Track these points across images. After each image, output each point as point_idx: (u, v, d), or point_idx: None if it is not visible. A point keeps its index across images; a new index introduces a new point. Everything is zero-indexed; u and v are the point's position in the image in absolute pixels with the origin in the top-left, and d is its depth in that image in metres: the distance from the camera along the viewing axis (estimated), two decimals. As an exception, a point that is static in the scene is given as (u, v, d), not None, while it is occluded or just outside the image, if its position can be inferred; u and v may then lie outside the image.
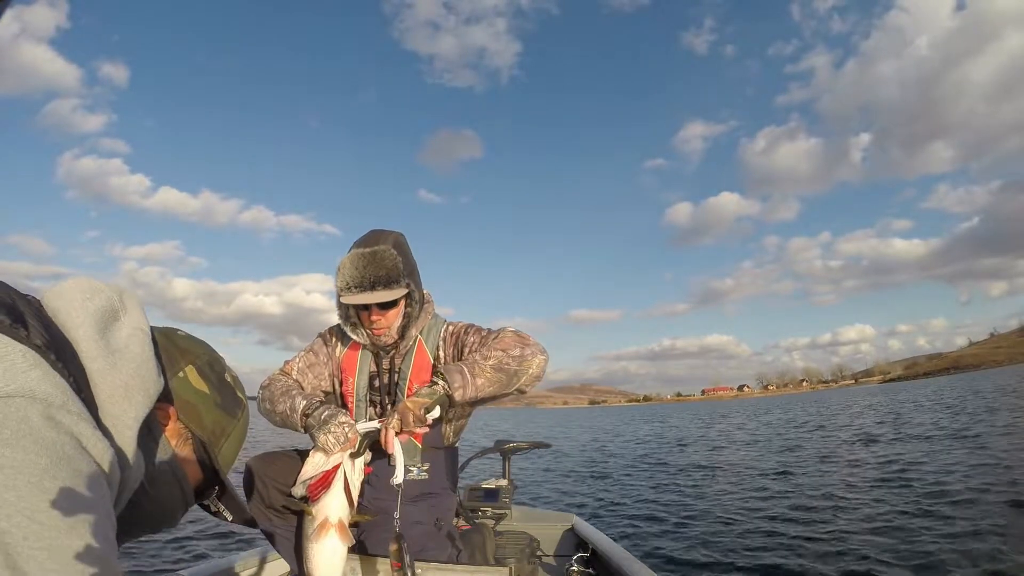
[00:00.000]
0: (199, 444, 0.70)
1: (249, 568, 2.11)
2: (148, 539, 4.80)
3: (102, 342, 0.56)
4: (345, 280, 1.47)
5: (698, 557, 4.60)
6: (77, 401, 0.49)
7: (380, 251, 1.48)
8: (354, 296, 1.46)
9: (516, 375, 1.40)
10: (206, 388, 0.71)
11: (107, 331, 0.58)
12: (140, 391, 0.58)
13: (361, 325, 1.56)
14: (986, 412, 15.88)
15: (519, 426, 39.13)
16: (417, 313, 1.58)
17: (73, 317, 0.55)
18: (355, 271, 1.46)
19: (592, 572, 2.35)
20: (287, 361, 1.66)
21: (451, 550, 1.59)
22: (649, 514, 6.37)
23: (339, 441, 1.27)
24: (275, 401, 1.47)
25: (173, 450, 0.68)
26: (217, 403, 0.72)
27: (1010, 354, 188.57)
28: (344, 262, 1.49)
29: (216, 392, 0.72)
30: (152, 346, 0.62)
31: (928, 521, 4.95)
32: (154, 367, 0.61)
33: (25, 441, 0.43)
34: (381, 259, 1.47)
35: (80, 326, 0.55)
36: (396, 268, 1.48)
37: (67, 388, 0.49)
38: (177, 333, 0.74)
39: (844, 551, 4.38)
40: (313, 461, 1.31)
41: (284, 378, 1.58)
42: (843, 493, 6.65)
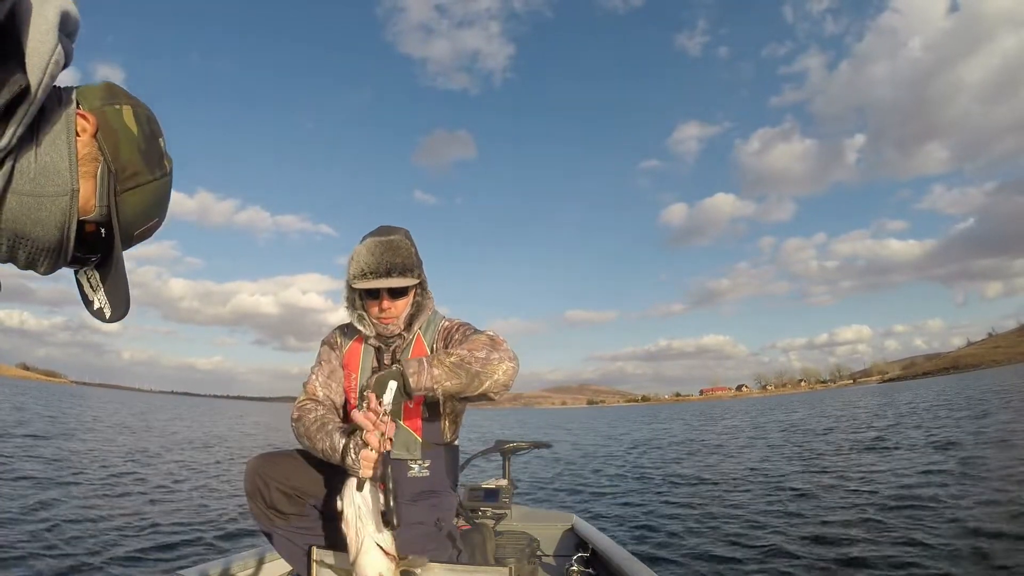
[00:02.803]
0: (105, 173, 0.66)
1: (249, 568, 2.11)
2: (148, 539, 4.80)
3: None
4: (360, 267, 1.48)
5: (698, 557, 4.61)
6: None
7: (396, 240, 1.52)
8: (370, 282, 1.47)
9: (478, 376, 1.32)
10: (135, 130, 0.68)
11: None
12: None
13: (368, 316, 1.56)
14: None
15: (519, 426, 39.12)
16: (425, 303, 1.60)
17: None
18: (371, 257, 1.48)
19: (592, 572, 2.35)
20: (306, 383, 1.62)
21: (451, 550, 1.59)
22: (649, 514, 6.37)
23: (357, 455, 1.25)
24: (313, 439, 1.41)
25: (79, 154, 0.63)
26: (140, 148, 0.68)
27: (1009, 354, 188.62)
28: (359, 250, 1.51)
29: (143, 140, 0.69)
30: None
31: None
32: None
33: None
34: (397, 247, 1.50)
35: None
36: (411, 257, 1.52)
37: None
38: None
39: (842, 552, 4.38)
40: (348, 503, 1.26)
41: (314, 406, 1.53)
42: (844, 494, 6.66)
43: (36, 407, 26.00)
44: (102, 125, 0.66)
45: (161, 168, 0.72)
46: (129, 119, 0.68)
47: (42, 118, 0.59)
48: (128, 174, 0.68)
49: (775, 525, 5.41)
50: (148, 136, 0.70)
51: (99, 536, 4.77)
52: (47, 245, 0.62)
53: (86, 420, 21.25)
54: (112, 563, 4.13)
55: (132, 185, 0.68)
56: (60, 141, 0.61)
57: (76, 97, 0.65)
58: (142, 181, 0.69)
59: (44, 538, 4.54)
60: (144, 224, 0.72)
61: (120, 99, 0.69)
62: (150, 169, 0.70)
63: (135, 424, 21.88)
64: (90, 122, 0.64)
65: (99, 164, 0.65)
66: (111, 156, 0.66)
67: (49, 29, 0.55)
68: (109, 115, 0.67)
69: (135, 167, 0.68)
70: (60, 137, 0.61)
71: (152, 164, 0.70)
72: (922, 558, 4.03)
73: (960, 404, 20.79)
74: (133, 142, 0.68)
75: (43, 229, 0.60)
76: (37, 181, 0.59)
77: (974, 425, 12.66)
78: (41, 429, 14.44)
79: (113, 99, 0.68)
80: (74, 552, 4.29)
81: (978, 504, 5.34)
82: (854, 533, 4.86)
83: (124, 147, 0.67)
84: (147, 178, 0.70)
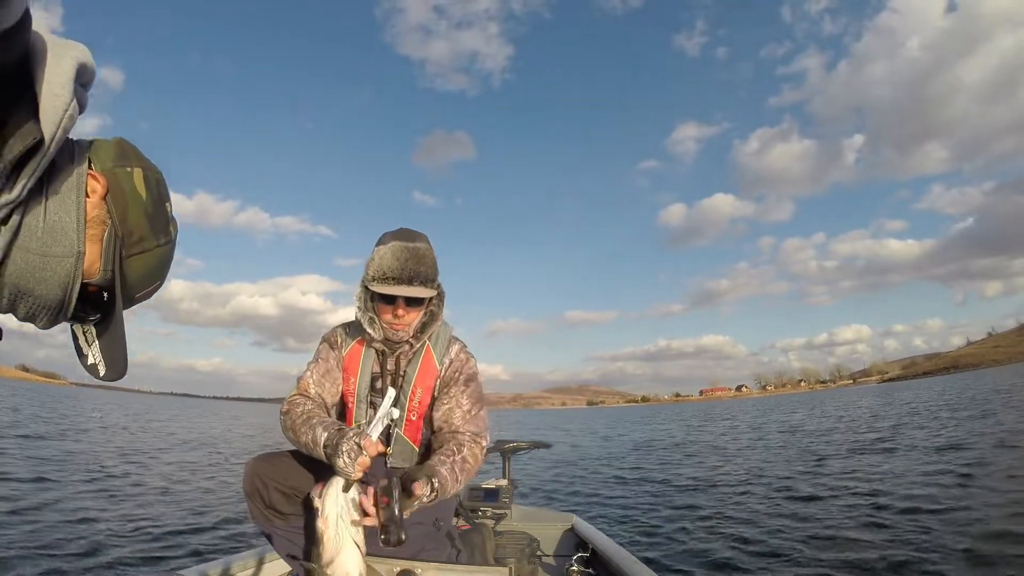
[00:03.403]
0: (112, 238, 0.66)
1: (248, 568, 2.11)
2: (147, 539, 4.79)
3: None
4: (382, 270, 1.45)
5: (698, 557, 4.60)
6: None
7: (422, 248, 1.49)
8: (390, 287, 1.44)
9: (458, 485, 1.44)
10: (144, 194, 0.69)
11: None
12: (72, 55, 0.57)
13: (379, 319, 1.53)
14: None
15: (518, 426, 39.10)
16: (438, 313, 1.58)
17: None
18: (396, 262, 1.45)
19: (592, 572, 2.35)
20: (300, 378, 1.59)
21: (451, 550, 1.59)
22: (649, 514, 6.37)
23: (353, 459, 1.23)
24: (297, 431, 1.41)
25: (87, 216, 0.63)
26: (148, 213, 0.69)
27: (1009, 353, 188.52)
28: (384, 252, 1.47)
29: (152, 205, 0.70)
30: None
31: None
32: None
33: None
34: (423, 256, 1.48)
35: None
36: (434, 267, 1.50)
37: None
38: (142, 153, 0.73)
39: (843, 553, 4.38)
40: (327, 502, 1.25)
41: (303, 401, 1.51)
42: (844, 496, 6.66)
43: (32, 408, 25.97)
44: (112, 187, 0.66)
45: (167, 234, 0.73)
46: (139, 182, 0.69)
47: (53, 172, 0.60)
48: (134, 239, 0.68)
49: (775, 526, 5.41)
50: (156, 201, 0.71)
51: (99, 536, 4.77)
52: (48, 303, 0.62)
53: (80, 421, 21.21)
54: (112, 563, 4.12)
55: (137, 251, 0.69)
56: (69, 201, 0.61)
57: (88, 154, 0.66)
58: (147, 247, 0.70)
59: (43, 539, 4.53)
60: (146, 288, 0.73)
61: (131, 161, 0.69)
62: (156, 235, 0.70)
63: (132, 425, 21.85)
64: (100, 183, 0.65)
65: (106, 227, 0.66)
66: (119, 220, 0.66)
67: (65, 83, 0.56)
68: (120, 177, 0.67)
69: (141, 232, 0.69)
70: (70, 197, 0.61)
71: (158, 230, 0.71)
72: (924, 560, 4.03)
73: (963, 404, 20.78)
74: (141, 207, 0.68)
75: (46, 288, 0.61)
76: (44, 240, 0.59)
77: (979, 425, 12.63)
78: (35, 431, 14.40)
79: (125, 160, 0.68)
80: (74, 552, 4.28)
81: (984, 506, 5.34)
82: (855, 535, 4.86)
83: (132, 211, 0.67)
84: (152, 244, 0.70)
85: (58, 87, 0.55)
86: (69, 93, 0.56)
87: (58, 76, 0.56)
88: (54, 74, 0.55)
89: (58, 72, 0.56)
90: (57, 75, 0.56)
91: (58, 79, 0.55)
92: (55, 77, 0.55)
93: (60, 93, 0.55)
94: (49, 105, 0.55)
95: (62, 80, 0.56)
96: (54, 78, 0.55)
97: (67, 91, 0.56)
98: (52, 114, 0.55)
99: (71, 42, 0.59)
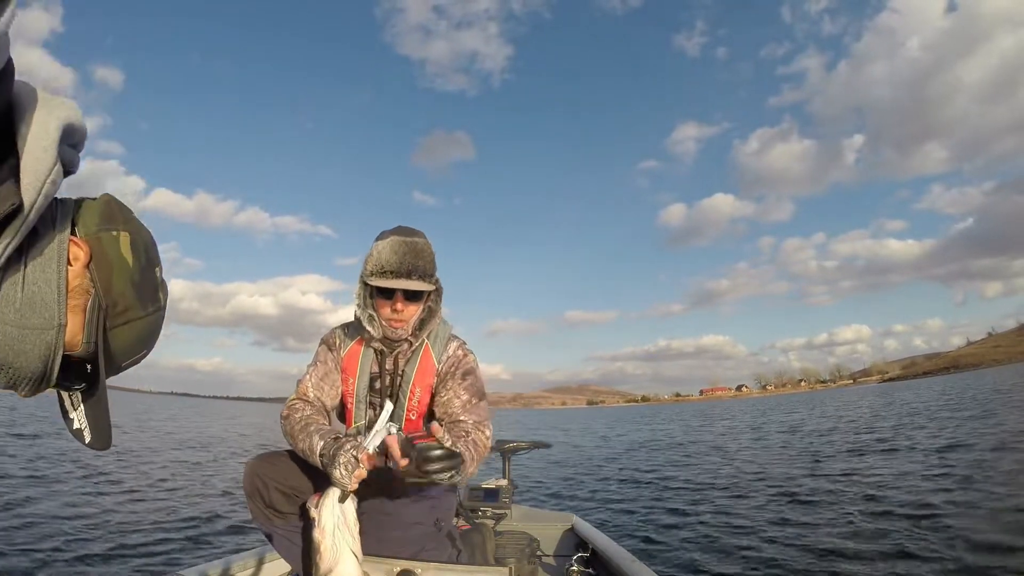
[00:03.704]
0: (95, 309, 0.61)
1: (248, 568, 2.11)
2: (146, 540, 4.80)
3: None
4: (381, 264, 1.46)
5: (698, 557, 4.60)
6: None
7: (420, 243, 1.50)
8: (388, 280, 1.45)
9: (463, 480, 1.36)
10: (131, 261, 0.64)
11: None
12: (60, 111, 0.53)
13: (378, 317, 1.53)
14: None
15: (518, 426, 39.11)
16: (437, 310, 1.58)
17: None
18: (394, 256, 1.46)
19: (592, 572, 2.35)
20: (300, 381, 1.58)
21: (451, 550, 1.59)
22: (649, 514, 6.37)
23: (350, 471, 1.23)
24: (295, 437, 1.42)
25: (69, 285, 0.59)
26: (134, 281, 0.64)
27: (1010, 353, 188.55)
28: (382, 247, 1.48)
29: (138, 272, 0.65)
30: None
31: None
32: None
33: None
34: (421, 250, 1.49)
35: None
36: (432, 262, 1.51)
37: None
38: (132, 212, 0.68)
39: (842, 554, 4.38)
40: (324, 513, 1.25)
41: (302, 406, 1.51)
42: (845, 497, 6.66)
43: (30, 407, 25.94)
44: (96, 254, 0.61)
45: (155, 302, 0.68)
46: (125, 248, 0.64)
47: (33, 238, 0.55)
48: (119, 309, 0.63)
49: (775, 527, 5.41)
50: (144, 267, 0.66)
51: (98, 536, 4.77)
52: (29, 376, 0.58)
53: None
54: (111, 564, 4.13)
55: (122, 321, 0.64)
56: (50, 270, 0.57)
57: (73, 215, 0.62)
58: (133, 317, 0.65)
59: (42, 539, 4.54)
60: (132, 358, 0.69)
61: (118, 224, 0.65)
62: (143, 305, 0.66)
63: (128, 424, 21.85)
64: (83, 250, 0.61)
65: (90, 297, 0.61)
66: (103, 289, 0.62)
67: (49, 146, 0.52)
68: (105, 243, 0.62)
69: (127, 303, 0.64)
70: (50, 265, 0.57)
71: (145, 299, 0.66)
72: (923, 562, 4.03)
73: (964, 404, 20.77)
74: (127, 275, 0.63)
75: (26, 360, 0.57)
76: (22, 312, 0.55)
77: (980, 425, 12.63)
78: (31, 430, 14.41)
79: (110, 223, 0.64)
80: (73, 552, 4.28)
81: (989, 508, 5.34)
82: (855, 536, 4.86)
83: (117, 280, 0.63)
84: (139, 314, 0.65)
85: (41, 149, 0.51)
86: (52, 158, 0.52)
87: (43, 137, 0.52)
88: (38, 135, 0.51)
89: (43, 133, 0.52)
90: (41, 136, 0.51)
91: (43, 140, 0.51)
92: (40, 138, 0.51)
93: (42, 157, 0.51)
94: (30, 169, 0.51)
95: (46, 142, 0.52)
96: (38, 138, 0.51)
97: (50, 155, 0.52)
98: (34, 179, 0.51)
99: (59, 99, 0.55)
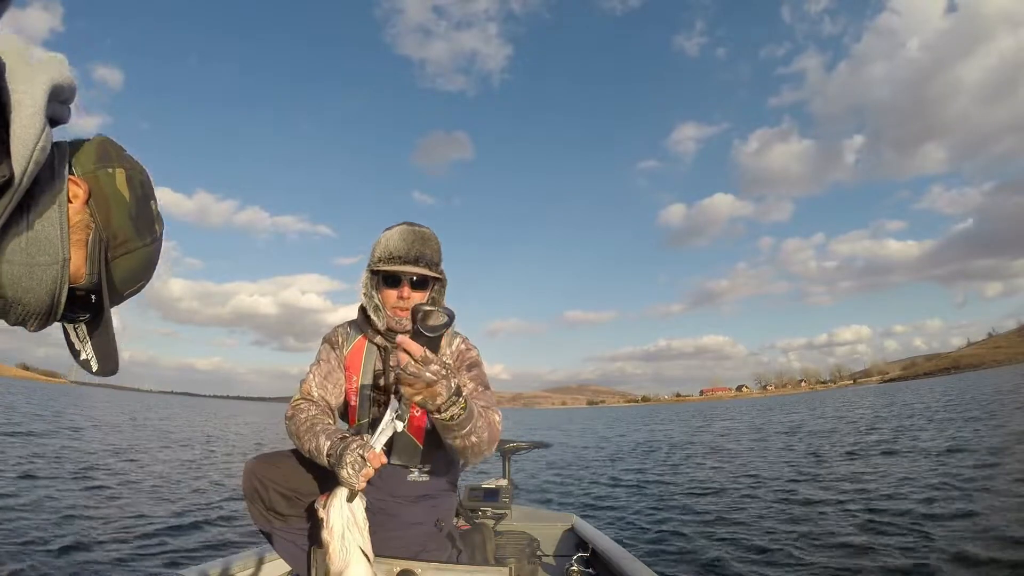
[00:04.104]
0: (96, 242, 0.66)
1: (248, 568, 2.11)
2: (146, 539, 4.79)
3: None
4: (389, 251, 1.48)
5: (698, 557, 4.60)
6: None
7: (427, 232, 1.53)
8: (395, 266, 1.47)
9: (475, 453, 1.33)
10: (127, 195, 0.68)
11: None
12: (46, 73, 0.55)
13: (383, 307, 1.53)
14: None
15: (518, 426, 39.10)
16: (441, 302, 1.58)
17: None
18: (403, 243, 1.48)
19: (592, 572, 2.35)
20: (303, 381, 1.57)
21: (451, 550, 1.59)
22: (649, 514, 6.37)
23: (357, 471, 1.21)
24: (301, 438, 1.41)
25: (70, 222, 0.63)
26: (131, 214, 0.69)
27: (1010, 354, 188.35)
28: (391, 234, 1.51)
29: (135, 205, 0.69)
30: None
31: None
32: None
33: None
34: (428, 239, 1.52)
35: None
36: (439, 252, 1.54)
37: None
38: (125, 150, 0.72)
39: (843, 555, 4.38)
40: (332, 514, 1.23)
41: (307, 406, 1.50)
42: (847, 499, 6.65)
43: (28, 407, 25.97)
44: (94, 191, 0.66)
45: (152, 233, 0.72)
46: (121, 184, 0.68)
47: (34, 185, 0.59)
48: (119, 241, 0.68)
49: (775, 528, 5.41)
50: (140, 201, 0.70)
51: (98, 536, 4.77)
52: (37, 310, 0.62)
53: (75, 418, 21.22)
54: (111, 564, 4.13)
55: (123, 252, 0.69)
56: (52, 210, 0.61)
57: (69, 159, 0.65)
58: (132, 248, 0.69)
59: (41, 539, 4.54)
60: (133, 287, 0.73)
61: (113, 161, 0.68)
62: (140, 236, 0.70)
63: (126, 423, 21.86)
64: (82, 188, 0.64)
65: (90, 232, 0.66)
66: (102, 224, 0.66)
67: (35, 112, 0.54)
68: (102, 180, 0.66)
69: (126, 234, 0.68)
70: (51, 206, 0.61)
71: (143, 230, 0.71)
72: (924, 565, 4.02)
73: (965, 404, 20.74)
74: (125, 208, 0.68)
75: (34, 296, 0.61)
76: (28, 251, 0.59)
77: (983, 427, 12.61)
78: (27, 428, 14.42)
79: (106, 162, 0.68)
80: (72, 552, 4.28)
81: (993, 509, 5.33)
82: (855, 538, 4.86)
83: (115, 214, 0.67)
84: (138, 244, 0.70)
85: (28, 117, 0.53)
86: (39, 124, 0.54)
87: (30, 104, 0.54)
88: (24, 102, 0.53)
89: (30, 98, 0.54)
90: (29, 103, 0.53)
91: (30, 107, 0.54)
92: (26, 105, 0.53)
93: (30, 124, 0.53)
94: (20, 137, 0.53)
95: (33, 109, 0.54)
96: (25, 105, 0.53)
97: (37, 121, 0.54)
98: (23, 148, 0.53)
99: (44, 61, 0.57)
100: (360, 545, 1.19)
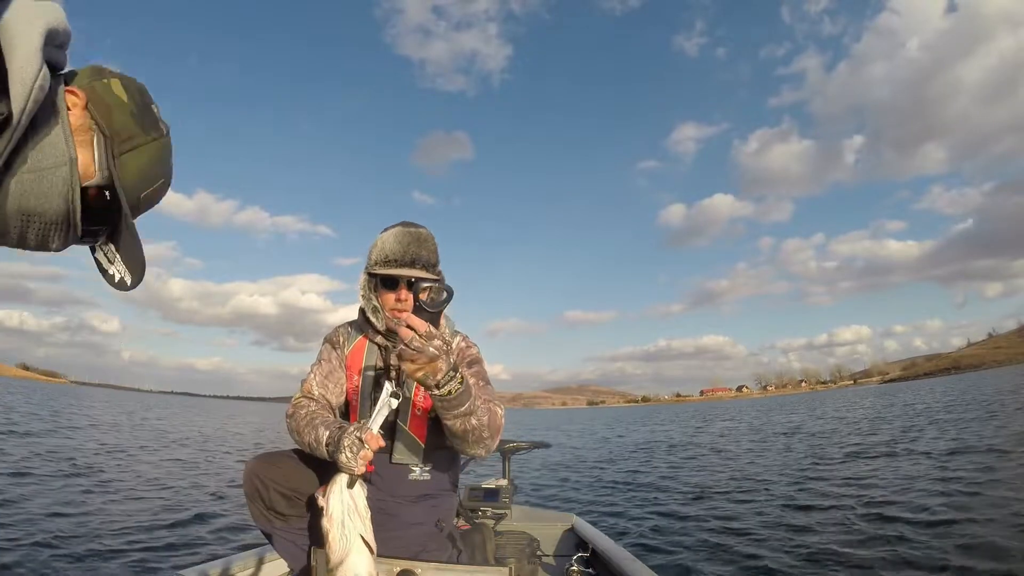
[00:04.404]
0: (101, 140, 0.66)
1: (249, 568, 2.11)
2: (146, 539, 4.79)
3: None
4: (385, 253, 1.48)
5: (698, 558, 4.60)
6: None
7: (424, 233, 1.53)
8: (392, 268, 1.47)
9: (477, 439, 1.35)
10: (125, 97, 0.69)
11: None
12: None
13: (381, 309, 1.53)
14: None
15: (518, 427, 39.08)
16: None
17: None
18: (397, 245, 1.48)
19: (592, 572, 2.35)
20: (304, 380, 1.59)
21: (452, 550, 1.59)
22: (649, 514, 6.37)
23: (355, 453, 1.21)
24: (301, 433, 1.43)
25: (72, 126, 0.63)
26: (132, 112, 0.69)
27: (1011, 354, 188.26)
28: (386, 237, 1.51)
29: (135, 106, 0.70)
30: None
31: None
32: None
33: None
34: (424, 240, 1.51)
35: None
36: (435, 253, 1.53)
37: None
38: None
39: (843, 557, 4.37)
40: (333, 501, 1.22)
41: (307, 403, 1.52)
42: (847, 499, 6.65)
43: (27, 406, 25.94)
44: (92, 98, 0.67)
45: (157, 130, 0.72)
46: (118, 90, 0.69)
47: (34, 125, 0.59)
48: (124, 137, 0.68)
49: (774, 528, 5.40)
50: (139, 103, 0.71)
51: (97, 536, 4.77)
52: (55, 218, 0.62)
53: (74, 418, 21.19)
54: (111, 563, 4.12)
55: (129, 147, 0.69)
56: (52, 120, 0.61)
57: (64, 78, 0.65)
58: (139, 143, 0.70)
59: (40, 539, 4.53)
60: (150, 185, 0.72)
61: (107, 74, 0.70)
62: (145, 131, 0.71)
63: (124, 423, 21.84)
64: (80, 96, 0.65)
65: (93, 133, 0.66)
66: (104, 123, 0.67)
67: (33, 51, 0.55)
68: (98, 88, 0.67)
69: (130, 131, 0.69)
70: (52, 117, 0.61)
71: (147, 127, 0.71)
72: (923, 567, 4.02)
73: (966, 404, 20.73)
74: (124, 108, 0.69)
75: (48, 201, 0.60)
76: (35, 158, 0.59)
77: (986, 428, 12.60)
78: (25, 427, 14.40)
79: (100, 75, 0.69)
80: (72, 553, 4.28)
81: (994, 510, 5.33)
82: (856, 539, 4.85)
83: (116, 114, 0.68)
84: (144, 140, 0.70)
85: (26, 57, 0.54)
86: (38, 63, 0.55)
87: (27, 44, 0.54)
88: (22, 43, 0.54)
89: (27, 40, 0.54)
90: (26, 43, 0.54)
91: (27, 47, 0.54)
92: (24, 45, 0.54)
93: (28, 63, 0.54)
94: (18, 77, 0.54)
95: (30, 48, 0.54)
96: (22, 46, 0.54)
97: (36, 60, 0.55)
98: (21, 87, 0.54)
99: (42, 4, 0.58)
100: (361, 533, 1.18)
